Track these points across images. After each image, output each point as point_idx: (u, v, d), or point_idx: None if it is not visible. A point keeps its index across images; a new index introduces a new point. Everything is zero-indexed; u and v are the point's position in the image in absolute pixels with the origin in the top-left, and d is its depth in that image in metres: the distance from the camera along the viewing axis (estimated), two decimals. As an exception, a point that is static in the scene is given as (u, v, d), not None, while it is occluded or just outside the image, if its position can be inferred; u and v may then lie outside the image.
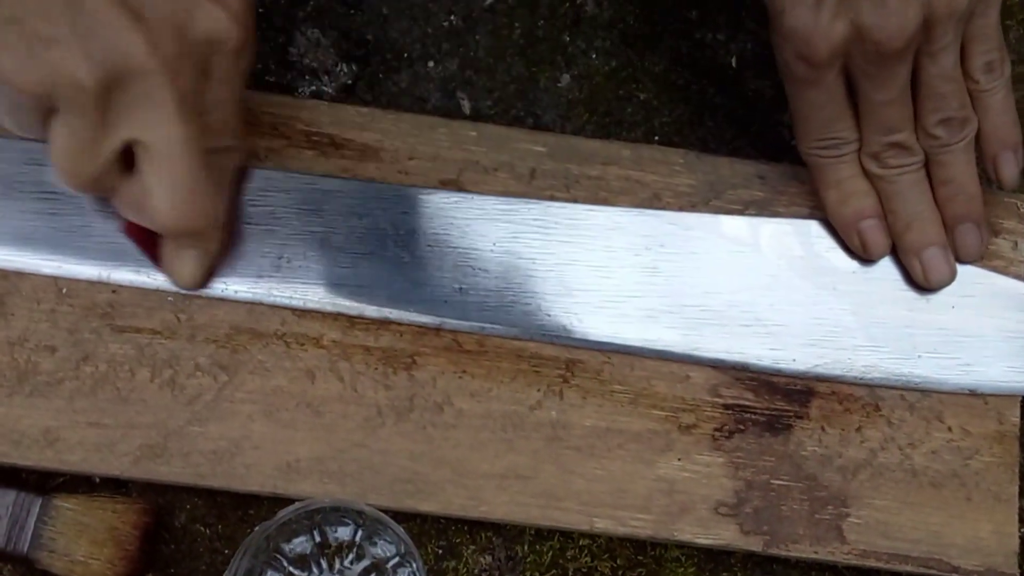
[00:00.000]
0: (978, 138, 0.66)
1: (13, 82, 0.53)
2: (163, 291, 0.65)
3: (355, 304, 0.65)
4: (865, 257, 0.68)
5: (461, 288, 0.66)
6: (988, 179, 0.67)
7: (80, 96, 0.54)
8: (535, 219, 0.67)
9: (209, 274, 0.64)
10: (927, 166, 0.65)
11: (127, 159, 0.57)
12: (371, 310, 0.65)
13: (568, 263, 0.67)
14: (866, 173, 0.66)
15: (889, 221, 0.67)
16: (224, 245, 0.64)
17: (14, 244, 0.64)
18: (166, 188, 0.57)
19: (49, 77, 0.53)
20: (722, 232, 0.68)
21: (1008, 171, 0.66)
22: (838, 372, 0.67)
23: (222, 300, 0.65)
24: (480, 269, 0.66)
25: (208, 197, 0.58)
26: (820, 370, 0.67)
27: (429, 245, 0.66)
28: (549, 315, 0.66)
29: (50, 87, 0.53)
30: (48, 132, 0.56)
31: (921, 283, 0.67)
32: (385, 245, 0.66)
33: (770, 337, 0.67)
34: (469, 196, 0.67)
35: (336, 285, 0.65)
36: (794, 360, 0.67)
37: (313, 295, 0.65)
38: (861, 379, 0.67)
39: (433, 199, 0.67)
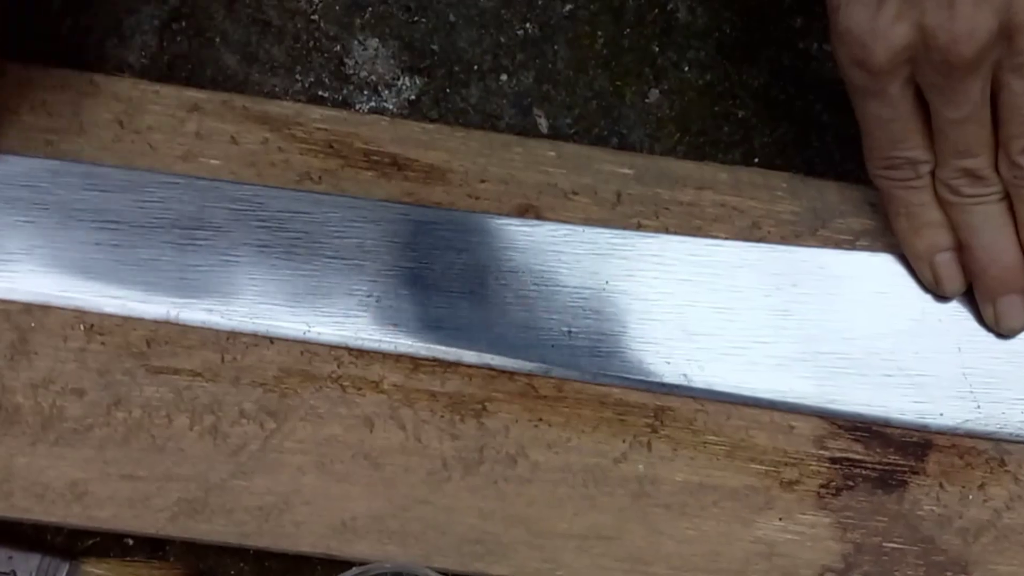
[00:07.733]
0: None
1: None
2: (238, 332, 0.63)
3: (452, 349, 0.63)
4: (938, 294, 0.65)
5: (570, 331, 0.64)
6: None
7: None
8: (652, 255, 0.65)
9: None
10: (1010, 199, 0.62)
11: None
12: (470, 355, 0.63)
13: (689, 304, 0.65)
14: (940, 201, 0.63)
15: (965, 257, 0.64)
16: None
17: (72, 276, 0.63)
18: None
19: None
20: (860, 270, 0.66)
21: None
22: (992, 428, 0.64)
23: (271, 339, 0.63)
24: (591, 310, 0.64)
25: None
26: (971, 426, 0.64)
27: (535, 284, 0.64)
28: (668, 362, 0.64)
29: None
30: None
31: (991, 327, 0.65)
32: (486, 283, 0.64)
33: (915, 389, 0.64)
34: (579, 229, 0.65)
35: (431, 327, 0.63)
36: (941, 415, 0.64)
37: (405, 338, 0.63)
38: (1018, 436, 0.64)
39: (539, 232, 0.65)
